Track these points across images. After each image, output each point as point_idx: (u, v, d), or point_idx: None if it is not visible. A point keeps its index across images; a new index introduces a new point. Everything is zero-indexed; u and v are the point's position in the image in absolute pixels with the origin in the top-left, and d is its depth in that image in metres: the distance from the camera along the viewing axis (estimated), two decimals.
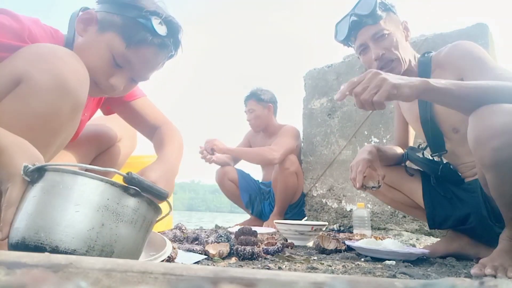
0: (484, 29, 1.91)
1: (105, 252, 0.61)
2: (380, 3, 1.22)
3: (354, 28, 1.23)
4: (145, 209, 0.67)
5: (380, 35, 1.20)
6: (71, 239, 0.58)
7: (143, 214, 0.67)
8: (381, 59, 1.20)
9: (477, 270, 0.93)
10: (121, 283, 0.35)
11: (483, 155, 0.89)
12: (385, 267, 1.05)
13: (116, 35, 0.86)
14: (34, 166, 0.63)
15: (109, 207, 0.62)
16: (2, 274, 0.34)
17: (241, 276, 0.35)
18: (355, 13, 1.23)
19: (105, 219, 0.61)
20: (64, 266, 0.36)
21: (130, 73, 0.92)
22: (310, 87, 2.67)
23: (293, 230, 1.52)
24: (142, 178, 0.67)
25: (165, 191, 0.72)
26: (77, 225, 0.59)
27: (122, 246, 0.63)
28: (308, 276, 0.36)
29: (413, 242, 1.72)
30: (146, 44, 0.87)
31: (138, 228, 0.66)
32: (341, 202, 2.38)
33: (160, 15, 0.88)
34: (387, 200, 1.45)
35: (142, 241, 0.69)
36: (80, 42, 0.89)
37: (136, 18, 0.85)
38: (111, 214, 0.62)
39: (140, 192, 0.66)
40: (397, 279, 0.36)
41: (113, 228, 0.62)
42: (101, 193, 0.62)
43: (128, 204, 0.64)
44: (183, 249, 1.17)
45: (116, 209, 0.63)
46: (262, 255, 1.15)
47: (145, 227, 0.69)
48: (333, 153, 2.46)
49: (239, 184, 2.72)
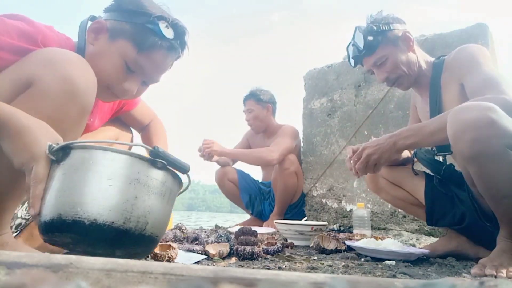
0: (484, 29, 1.91)
1: (141, 223, 0.64)
2: (373, 32, 1.27)
3: (357, 59, 1.35)
4: (171, 182, 0.70)
5: (380, 62, 1.28)
6: (108, 212, 0.60)
7: (170, 186, 0.70)
8: (388, 80, 1.31)
9: (477, 270, 0.93)
10: (121, 283, 0.35)
11: (462, 148, 0.93)
12: (385, 267, 1.05)
13: (127, 42, 0.90)
14: (59, 145, 0.64)
15: (141, 180, 0.65)
16: (2, 274, 0.34)
17: (241, 276, 0.35)
18: (354, 44, 1.32)
19: (138, 191, 0.64)
20: (64, 266, 0.36)
21: (142, 77, 0.96)
22: (310, 87, 2.67)
23: (293, 230, 1.52)
24: (167, 152, 0.69)
25: (188, 164, 0.74)
26: (112, 198, 0.62)
27: (155, 217, 0.66)
28: (308, 276, 0.36)
29: (413, 242, 1.72)
30: (156, 48, 0.91)
31: (167, 200, 0.69)
32: (341, 202, 2.38)
33: (167, 19, 0.91)
34: (389, 197, 1.47)
35: (169, 213, 0.72)
36: (92, 51, 0.92)
37: (145, 24, 0.89)
38: (143, 186, 0.65)
39: (166, 165, 0.68)
40: (397, 279, 0.36)
41: (146, 200, 0.64)
42: (131, 166, 0.65)
43: (156, 177, 0.67)
44: (183, 249, 1.17)
45: (147, 182, 0.65)
46: (262, 255, 1.15)
47: (172, 199, 0.72)
48: (333, 153, 2.46)
49: (239, 184, 2.71)
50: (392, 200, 1.47)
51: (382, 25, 1.27)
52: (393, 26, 1.28)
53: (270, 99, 2.72)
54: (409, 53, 1.29)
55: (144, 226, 0.64)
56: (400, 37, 1.28)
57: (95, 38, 0.92)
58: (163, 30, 0.90)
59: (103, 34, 0.91)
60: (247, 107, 2.72)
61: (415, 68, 1.29)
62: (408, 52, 1.28)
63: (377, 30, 1.26)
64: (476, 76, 1.11)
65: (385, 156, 1.16)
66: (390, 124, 2.21)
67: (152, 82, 1.01)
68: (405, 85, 1.32)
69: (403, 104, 2.15)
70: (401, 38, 1.28)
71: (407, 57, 1.28)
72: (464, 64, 1.17)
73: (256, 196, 2.73)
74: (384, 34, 1.27)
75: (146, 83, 1.00)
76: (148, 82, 1.00)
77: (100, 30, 0.91)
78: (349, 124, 2.41)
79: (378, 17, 1.31)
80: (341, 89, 2.48)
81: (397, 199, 1.45)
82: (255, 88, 2.77)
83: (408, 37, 1.28)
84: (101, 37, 0.91)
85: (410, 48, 1.29)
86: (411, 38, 1.29)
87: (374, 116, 2.29)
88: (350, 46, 1.35)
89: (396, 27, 1.28)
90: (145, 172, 0.65)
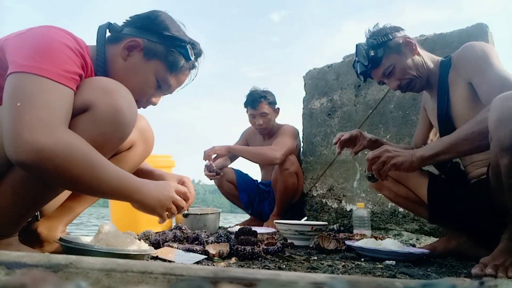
0: (484, 29, 1.91)
1: None
2: (374, 46, 1.29)
3: (365, 74, 1.37)
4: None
5: (389, 71, 1.30)
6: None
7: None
8: (401, 87, 1.33)
9: (478, 270, 0.93)
10: (121, 283, 0.35)
11: (502, 136, 0.90)
12: (385, 267, 1.05)
13: (161, 63, 0.98)
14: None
15: None
16: (2, 274, 0.34)
17: (241, 276, 0.35)
18: (359, 60, 1.35)
19: None
20: (64, 266, 0.36)
21: (166, 92, 1.07)
22: (310, 87, 2.66)
23: (293, 230, 1.52)
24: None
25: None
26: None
27: None
28: (308, 276, 0.36)
29: (413, 242, 1.73)
30: (184, 70, 1.03)
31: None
32: (341, 202, 2.38)
33: (193, 45, 1.02)
34: (391, 195, 1.48)
35: None
36: (125, 66, 0.97)
37: (176, 48, 0.99)
38: None
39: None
40: (397, 279, 0.36)
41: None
42: None
43: None
44: (183, 249, 1.17)
45: None
46: (262, 255, 1.15)
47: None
48: (333, 153, 2.46)
49: (238, 184, 2.70)
50: (393, 197, 1.48)
51: (381, 37, 1.30)
52: (392, 35, 1.31)
53: (276, 101, 2.65)
54: (414, 56, 1.30)
55: None
56: (401, 44, 1.30)
57: (128, 54, 0.97)
58: (190, 54, 1.00)
59: (137, 52, 0.97)
60: (260, 110, 2.53)
61: (423, 69, 1.30)
62: (413, 56, 1.30)
63: (377, 43, 1.29)
64: (489, 77, 1.09)
65: (402, 166, 1.14)
66: (390, 124, 2.21)
67: (169, 93, 1.09)
68: (418, 87, 1.33)
69: (403, 104, 2.15)
70: (403, 45, 1.30)
71: (413, 60, 1.29)
72: (472, 63, 1.16)
73: (255, 196, 2.72)
74: (385, 45, 1.29)
75: (165, 95, 1.09)
76: (166, 94, 1.09)
77: (135, 48, 0.96)
78: (349, 124, 2.41)
79: (375, 30, 1.34)
80: (341, 89, 2.48)
81: (399, 196, 1.46)
82: (259, 89, 2.63)
83: (410, 42, 1.29)
84: (135, 54, 0.97)
85: (414, 52, 1.30)
86: (412, 42, 1.30)
87: (374, 116, 2.29)
88: (356, 63, 1.38)
89: (395, 35, 1.31)
90: None
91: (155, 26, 0.97)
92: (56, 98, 0.74)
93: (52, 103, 0.73)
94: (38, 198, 0.88)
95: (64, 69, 0.77)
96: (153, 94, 1.03)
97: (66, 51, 0.79)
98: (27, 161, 0.69)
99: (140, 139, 1.13)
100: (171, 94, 1.09)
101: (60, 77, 0.75)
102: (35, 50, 0.76)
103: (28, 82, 0.73)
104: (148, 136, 1.17)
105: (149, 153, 1.19)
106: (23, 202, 0.84)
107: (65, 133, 0.73)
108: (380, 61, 1.30)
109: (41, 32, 0.80)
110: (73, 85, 0.79)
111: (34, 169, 0.71)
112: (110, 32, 0.99)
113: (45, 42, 0.78)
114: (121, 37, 0.97)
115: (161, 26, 0.98)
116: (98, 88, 0.83)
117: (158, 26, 0.97)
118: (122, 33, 0.97)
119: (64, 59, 0.78)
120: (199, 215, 2.03)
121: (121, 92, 0.84)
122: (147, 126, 1.17)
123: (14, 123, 0.69)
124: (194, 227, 1.95)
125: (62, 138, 0.72)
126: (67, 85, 0.77)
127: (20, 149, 0.68)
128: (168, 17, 1.00)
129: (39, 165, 0.70)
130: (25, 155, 0.69)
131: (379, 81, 1.37)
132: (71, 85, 0.78)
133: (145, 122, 1.16)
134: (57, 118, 0.73)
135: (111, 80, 0.87)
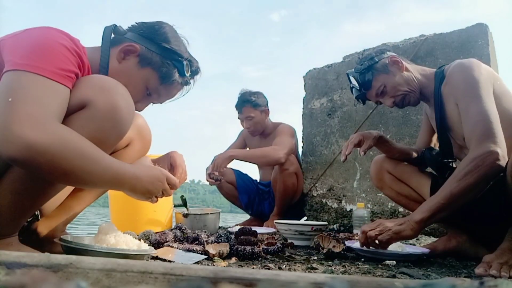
0: (484, 29, 1.91)
1: None
2: (362, 70, 1.36)
3: (361, 97, 1.43)
4: None
5: (381, 91, 1.35)
6: None
7: None
8: (396, 104, 1.37)
9: (482, 271, 0.93)
10: (121, 283, 0.35)
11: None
12: (385, 267, 1.05)
13: (154, 72, 0.99)
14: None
15: None
16: (2, 274, 0.34)
17: (241, 276, 0.35)
18: (353, 86, 1.42)
19: None
20: (64, 266, 0.36)
21: (154, 100, 1.08)
22: (310, 87, 2.66)
23: (293, 230, 1.52)
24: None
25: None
26: None
27: None
28: (308, 276, 0.36)
29: (413, 242, 1.72)
30: (176, 83, 1.04)
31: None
32: (341, 202, 2.38)
33: (190, 62, 1.05)
34: (392, 193, 1.49)
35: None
36: (118, 68, 0.98)
37: (173, 61, 1.00)
38: None
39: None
40: (397, 279, 0.36)
41: None
42: None
43: None
44: (183, 249, 1.17)
45: None
46: (262, 255, 1.15)
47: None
48: (333, 153, 2.46)
49: (237, 185, 2.69)
50: (395, 196, 1.49)
51: (368, 61, 1.37)
52: (377, 58, 1.37)
53: (264, 101, 2.62)
54: (402, 73, 1.34)
55: None
56: (388, 63, 1.35)
57: (124, 57, 0.97)
58: (185, 70, 1.02)
59: (133, 57, 0.98)
60: (245, 114, 2.56)
61: (414, 83, 1.34)
62: (401, 73, 1.34)
63: (365, 68, 1.37)
64: (472, 115, 1.10)
65: (403, 233, 1.09)
66: (390, 124, 2.21)
67: (158, 103, 1.10)
68: (413, 101, 1.36)
69: None
70: (389, 64, 1.35)
71: (402, 77, 1.34)
72: (459, 89, 1.18)
73: (255, 197, 2.71)
74: (372, 68, 1.36)
75: (154, 103, 1.10)
76: (155, 103, 1.10)
77: (131, 53, 0.97)
78: (349, 124, 2.41)
79: (362, 57, 1.43)
80: (341, 89, 2.48)
81: (401, 195, 1.47)
82: (245, 92, 2.61)
83: (396, 60, 1.35)
84: (131, 59, 0.98)
85: (402, 68, 1.34)
86: (398, 60, 1.35)
87: (374, 116, 2.29)
88: (351, 89, 1.45)
89: (381, 57, 1.37)
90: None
91: (156, 36, 0.99)
92: (49, 95, 0.74)
93: (44, 99, 0.72)
94: (38, 197, 0.88)
95: (59, 67, 0.77)
96: (140, 100, 1.04)
97: (62, 50, 0.79)
98: (17, 157, 0.68)
99: (138, 137, 1.13)
100: (161, 103, 1.11)
101: (54, 75, 0.75)
102: (31, 49, 0.76)
103: (22, 79, 0.72)
104: (146, 134, 1.17)
105: (147, 151, 1.19)
106: (22, 200, 0.84)
107: (57, 127, 0.72)
108: (371, 83, 1.36)
109: (37, 32, 0.81)
110: (68, 83, 0.78)
111: (25, 164, 0.71)
112: (114, 34, 1.00)
113: (41, 41, 0.78)
114: (121, 41, 0.98)
115: (162, 37, 0.99)
116: (96, 85, 0.83)
117: (159, 37, 0.99)
118: (124, 36, 0.98)
119: (60, 58, 0.78)
120: (199, 215, 2.04)
121: (118, 90, 0.85)
122: (144, 124, 1.17)
123: (5, 118, 0.68)
124: (194, 227, 1.96)
125: (53, 132, 0.71)
126: (61, 82, 0.76)
127: (11, 144, 0.67)
128: (172, 31, 1.02)
129: (30, 160, 0.69)
130: (15, 150, 0.68)
131: (376, 101, 1.42)
132: (66, 82, 0.78)
133: (142, 120, 1.17)
134: (48, 113, 0.72)
135: (108, 78, 0.88)
